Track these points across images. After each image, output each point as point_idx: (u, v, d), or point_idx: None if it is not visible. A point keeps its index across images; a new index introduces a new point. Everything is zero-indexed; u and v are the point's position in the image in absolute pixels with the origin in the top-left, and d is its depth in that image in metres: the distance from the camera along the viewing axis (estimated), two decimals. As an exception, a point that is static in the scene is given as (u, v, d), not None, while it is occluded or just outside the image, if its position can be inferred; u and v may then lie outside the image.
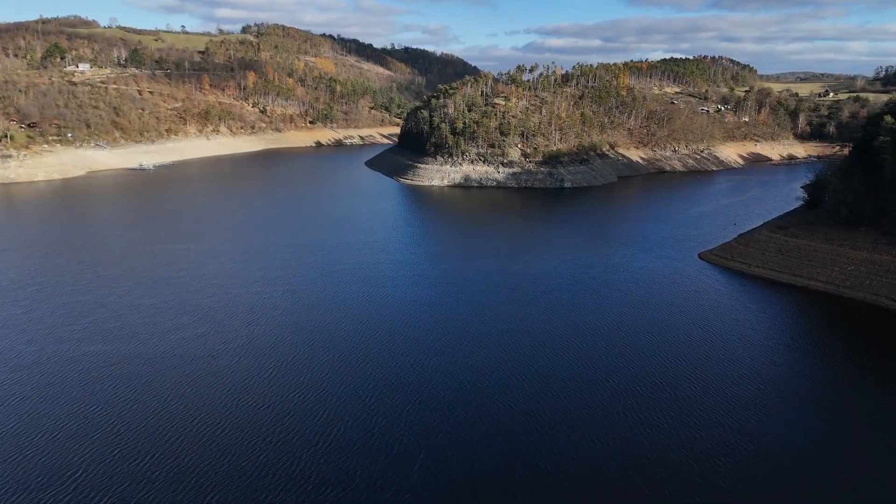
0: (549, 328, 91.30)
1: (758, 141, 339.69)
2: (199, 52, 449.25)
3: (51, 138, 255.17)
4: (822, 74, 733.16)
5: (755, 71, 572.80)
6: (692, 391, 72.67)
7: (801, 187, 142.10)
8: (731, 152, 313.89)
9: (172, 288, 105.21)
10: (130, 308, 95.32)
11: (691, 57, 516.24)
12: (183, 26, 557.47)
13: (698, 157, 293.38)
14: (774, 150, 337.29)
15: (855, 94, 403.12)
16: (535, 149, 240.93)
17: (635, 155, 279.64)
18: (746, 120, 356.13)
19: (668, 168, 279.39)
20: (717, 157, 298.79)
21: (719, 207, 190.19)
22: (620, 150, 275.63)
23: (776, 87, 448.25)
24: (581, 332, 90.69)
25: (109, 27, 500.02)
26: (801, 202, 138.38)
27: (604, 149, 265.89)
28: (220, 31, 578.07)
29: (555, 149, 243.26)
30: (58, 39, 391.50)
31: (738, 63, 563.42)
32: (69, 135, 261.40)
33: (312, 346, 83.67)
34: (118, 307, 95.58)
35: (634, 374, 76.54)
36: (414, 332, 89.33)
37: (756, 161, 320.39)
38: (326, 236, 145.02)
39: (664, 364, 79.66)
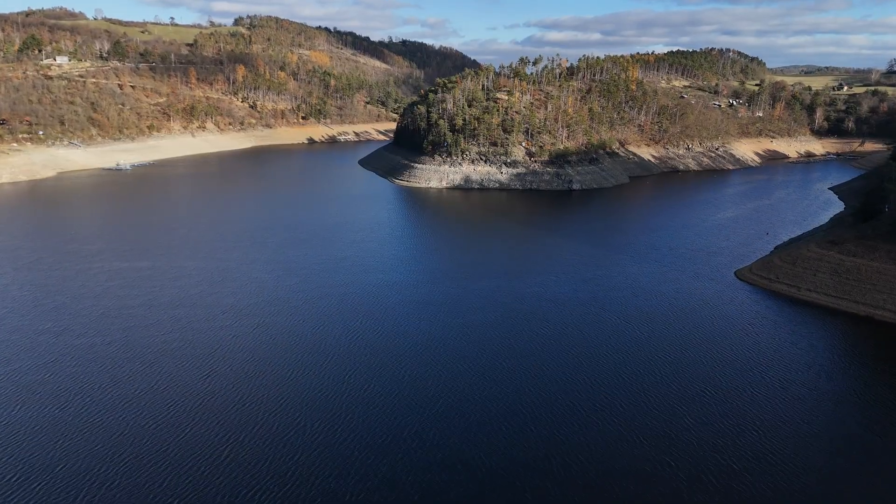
0: (585, 378, 74.53)
1: (773, 137, 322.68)
2: (188, 44, 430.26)
3: (21, 136, 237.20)
4: (826, 68, 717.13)
5: (763, 64, 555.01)
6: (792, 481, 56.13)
7: (829, 188, 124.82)
8: (746, 149, 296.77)
9: (121, 322, 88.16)
10: (62, 352, 78.23)
11: (698, 49, 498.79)
12: (172, 18, 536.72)
13: (713, 154, 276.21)
14: (791, 147, 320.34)
15: (872, 88, 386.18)
16: (540, 147, 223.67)
17: (647, 153, 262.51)
18: (761, 115, 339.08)
19: (681, 167, 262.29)
20: (732, 155, 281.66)
21: (746, 213, 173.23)
22: (631, 148, 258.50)
23: (787, 81, 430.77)
24: (630, 386, 73.77)
25: (95, 19, 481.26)
26: (843, 209, 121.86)
27: (613, 147, 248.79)
28: (212, 24, 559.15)
29: (562, 147, 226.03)
30: (38, 31, 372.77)
31: (746, 55, 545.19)
32: (41, 132, 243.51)
33: (280, 410, 66.78)
34: (47, 352, 78.47)
35: (712, 457, 59.94)
36: (411, 390, 72.13)
37: (772, 159, 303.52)
38: (312, 251, 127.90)
39: (743, 439, 63.02)
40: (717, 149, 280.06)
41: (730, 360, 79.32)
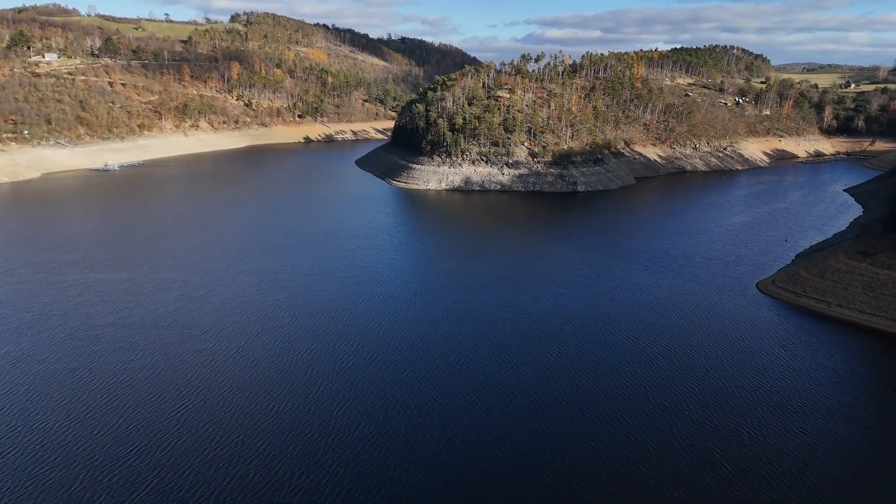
0: (607, 414, 66.41)
1: (782, 136, 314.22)
2: (182, 41, 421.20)
3: (5, 136, 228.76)
4: (829, 65, 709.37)
5: (768, 61, 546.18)
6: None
7: (844, 190, 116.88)
8: (755, 149, 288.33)
9: (87, 345, 79.94)
10: (17, 383, 70.01)
11: (702, 46, 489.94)
12: (167, 14, 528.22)
13: (721, 154, 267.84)
14: (800, 147, 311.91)
15: (881, 86, 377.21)
16: (543, 147, 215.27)
17: (653, 153, 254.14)
18: (768, 113, 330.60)
19: (688, 167, 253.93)
20: (741, 155, 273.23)
21: (761, 216, 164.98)
22: (637, 148, 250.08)
23: (794, 78, 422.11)
24: (658, 425, 65.67)
25: (88, 15, 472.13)
26: (862, 213, 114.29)
27: (619, 147, 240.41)
28: (208, 20, 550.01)
29: (566, 147, 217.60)
30: (29, 28, 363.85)
31: (750, 53, 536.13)
32: (26, 132, 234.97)
33: (257, 456, 58.60)
34: None
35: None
36: (407, 432, 63.98)
37: (781, 158, 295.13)
38: (302, 261, 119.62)
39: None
40: (725, 148, 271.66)
41: (766, 391, 71.05)
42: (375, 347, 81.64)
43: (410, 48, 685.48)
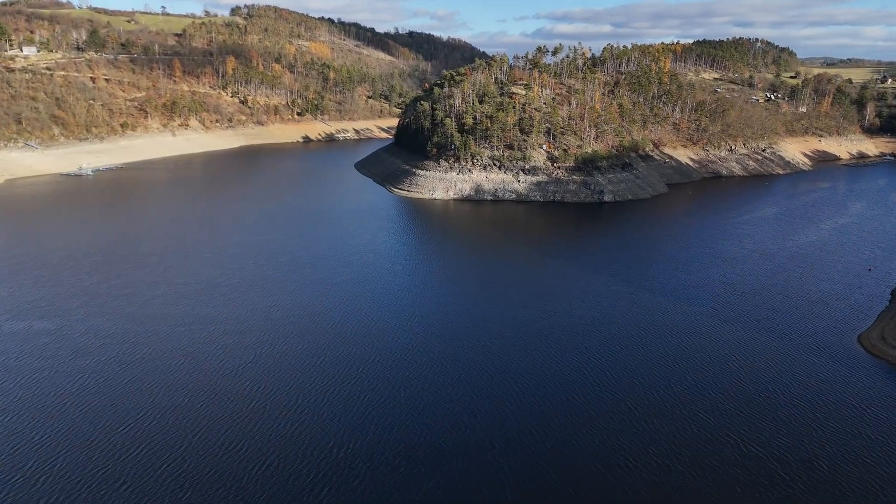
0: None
1: (822, 136, 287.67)
2: (176, 35, 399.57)
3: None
4: (849, 60, 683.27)
5: (795, 54, 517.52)
6: None
7: None
8: (794, 150, 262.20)
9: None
10: None
11: (726, 39, 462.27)
12: (163, 7, 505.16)
13: (760, 157, 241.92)
14: (842, 147, 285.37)
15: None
16: (564, 151, 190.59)
17: (684, 155, 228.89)
18: (804, 111, 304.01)
19: (724, 172, 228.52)
20: (782, 158, 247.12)
21: (827, 235, 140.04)
22: (667, 151, 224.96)
23: (829, 72, 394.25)
24: None
25: (80, 7, 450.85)
26: None
27: (647, 149, 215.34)
28: (207, 14, 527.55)
29: (590, 150, 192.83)
30: (15, 21, 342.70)
31: (776, 46, 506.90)
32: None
33: None
34: None
35: None
36: None
37: (822, 160, 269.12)
38: (281, 300, 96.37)
39: None
40: (763, 150, 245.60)
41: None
42: (369, 432, 58.14)
43: (418, 42, 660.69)
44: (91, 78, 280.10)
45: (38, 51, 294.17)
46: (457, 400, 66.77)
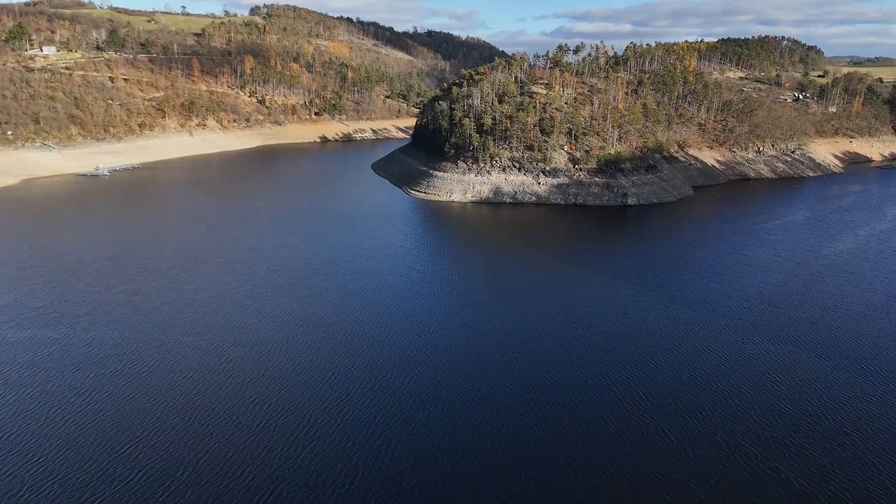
0: None
1: (853, 137, 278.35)
2: (195, 34, 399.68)
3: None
4: (876, 59, 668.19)
5: (822, 53, 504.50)
6: None
7: None
8: (824, 152, 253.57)
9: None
10: None
11: (751, 37, 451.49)
12: (183, 7, 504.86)
13: (789, 159, 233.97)
14: (873, 149, 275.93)
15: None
16: (586, 152, 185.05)
17: (710, 157, 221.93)
18: (834, 111, 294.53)
19: (752, 174, 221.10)
20: (812, 160, 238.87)
21: (867, 242, 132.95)
22: (692, 152, 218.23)
23: (858, 71, 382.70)
24: None
25: (101, 7, 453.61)
26: None
27: (672, 150, 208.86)
28: (227, 13, 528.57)
29: (612, 152, 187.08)
30: (36, 20, 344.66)
31: (802, 44, 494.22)
32: (9, 133, 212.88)
33: None
34: None
35: None
36: None
37: (853, 162, 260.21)
38: (292, 310, 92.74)
39: None
40: (793, 152, 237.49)
41: None
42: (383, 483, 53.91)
43: (437, 41, 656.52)
44: (110, 77, 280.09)
45: (58, 50, 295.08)
46: (477, 423, 62.31)
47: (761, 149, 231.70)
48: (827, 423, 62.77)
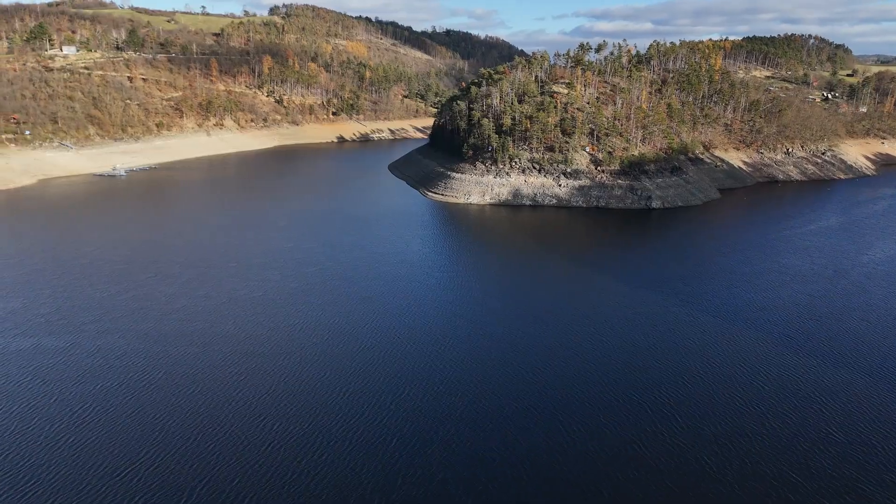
0: None
1: (884, 138, 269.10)
2: (214, 34, 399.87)
3: (3, 137, 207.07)
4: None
5: (850, 51, 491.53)
6: None
7: None
8: (855, 153, 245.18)
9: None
10: None
11: (777, 35, 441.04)
12: (203, 7, 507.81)
13: (819, 160, 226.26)
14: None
15: None
16: (609, 153, 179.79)
17: (736, 158, 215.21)
18: (865, 111, 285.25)
19: (780, 176, 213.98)
20: (843, 161, 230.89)
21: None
22: (718, 153, 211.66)
23: (890, 70, 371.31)
24: None
25: (122, 7, 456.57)
26: None
27: (697, 152, 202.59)
28: (246, 13, 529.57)
29: (636, 153, 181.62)
30: (58, 21, 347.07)
31: (830, 42, 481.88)
32: (27, 133, 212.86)
33: None
34: None
35: None
36: None
37: (886, 164, 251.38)
38: (305, 318, 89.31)
39: None
40: (823, 153, 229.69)
41: None
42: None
43: (455, 41, 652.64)
44: (128, 77, 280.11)
45: (78, 50, 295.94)
46: (497, 446, 58.15)
47: (790, 150, 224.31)
48: (882, 454, 57.60)
